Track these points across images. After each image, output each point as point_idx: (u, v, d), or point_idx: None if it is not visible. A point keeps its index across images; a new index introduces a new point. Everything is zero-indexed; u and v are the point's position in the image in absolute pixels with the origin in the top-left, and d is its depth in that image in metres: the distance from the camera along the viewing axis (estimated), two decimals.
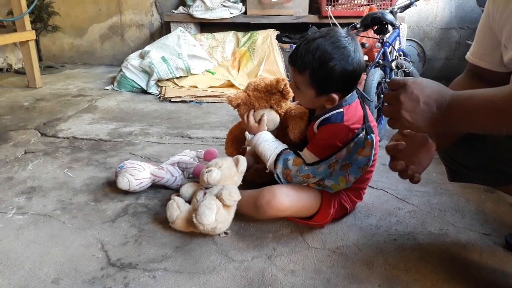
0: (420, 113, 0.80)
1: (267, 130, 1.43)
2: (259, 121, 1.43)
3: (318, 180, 1.29)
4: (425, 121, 0.81)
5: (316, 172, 1.28)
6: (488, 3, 1.03)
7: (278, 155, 1.33)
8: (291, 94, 1.41)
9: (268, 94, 1.42)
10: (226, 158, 1.39)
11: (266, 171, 1.38)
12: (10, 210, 1.46)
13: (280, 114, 1.45)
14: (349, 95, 1.29)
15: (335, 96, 1.25)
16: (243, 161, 1.37)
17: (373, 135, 1.22)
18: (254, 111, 1.45)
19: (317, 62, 1.20)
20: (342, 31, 1.25)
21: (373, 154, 1.24)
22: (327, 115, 1.29)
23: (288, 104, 1.48)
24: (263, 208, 1.28)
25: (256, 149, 1.40)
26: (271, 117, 1.44)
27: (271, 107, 1.44)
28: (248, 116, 1.44)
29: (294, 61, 1.25)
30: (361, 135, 1.24)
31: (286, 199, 1.28)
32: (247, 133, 1.44)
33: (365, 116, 1.27)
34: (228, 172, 1.34)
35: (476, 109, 0.77)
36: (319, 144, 1.29)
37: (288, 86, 1.39)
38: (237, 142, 1.59)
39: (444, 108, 0.79)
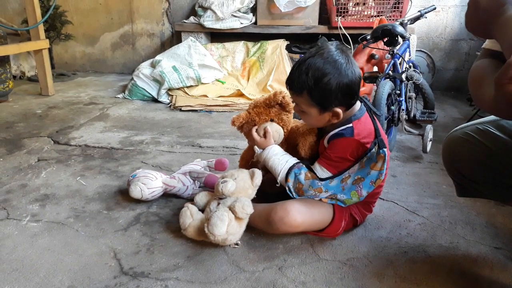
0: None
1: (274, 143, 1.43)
2: (264, 135, 1.42)
3: (330, 194, 1.29)
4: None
5: (329, 186, 1.28)
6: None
7: (290, 169, 1.32)
8: (291, 105, 1.42)
9: (267, 107, 1.44)
10: (242, 170, 1.40)
11: (277, 185, 1.37)
12: (24, 217, 1.48)
13: (282, 127, 1.46)
14: (358, 109, 1.30)
15: (339, 110, 1.25)
16: (258, 174, 1.37)
17: (385, 149, 1.23)
18: (257, 127, 1.45)
19: (311, 81, 1.21)
20: (332, 47, 1.26)
21: (385, 168, 1.24)
22: (337, 130, 1.29)
23: (292, 120, 1.49)
24: (276, 224, 1.28)
25: (266, 163, 1.39)
26: (274, 128, 1.44)
27: (271, 120, 1.45)
28: (252, 133, 1.45)
29: (291, 85, 1.28)
30: (373, 149, 1.24)
31: (298, 215, 1.28)
32: (256, 147, 1.44)
33: (376, 130, 1.27)
34: (243, 184, 1.35)
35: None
36: (331, 158, 1.29)
37: (286, 98, 1.41)
38: (248, 168, 1.59)
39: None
